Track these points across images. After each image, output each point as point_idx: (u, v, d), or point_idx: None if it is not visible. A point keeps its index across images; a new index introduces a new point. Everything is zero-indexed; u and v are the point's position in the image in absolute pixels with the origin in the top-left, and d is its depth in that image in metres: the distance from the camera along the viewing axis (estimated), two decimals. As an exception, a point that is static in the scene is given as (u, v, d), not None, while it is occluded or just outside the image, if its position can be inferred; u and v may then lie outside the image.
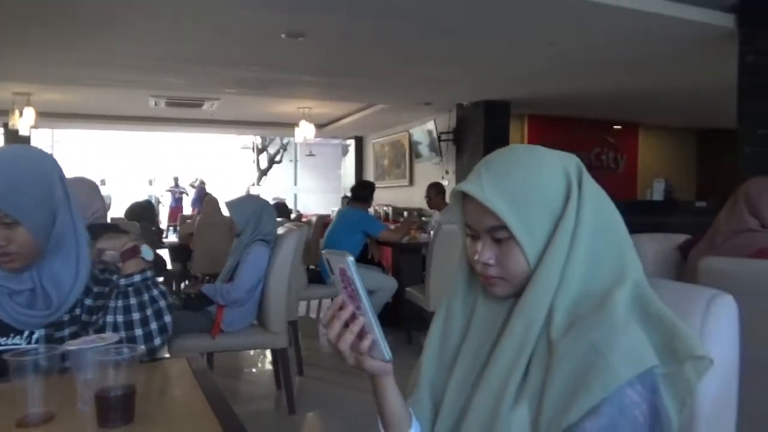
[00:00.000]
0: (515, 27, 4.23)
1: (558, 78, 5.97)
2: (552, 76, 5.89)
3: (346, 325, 0.80)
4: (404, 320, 4.52)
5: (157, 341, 1.36)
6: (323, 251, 0.80)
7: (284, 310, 2.94)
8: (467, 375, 0.90)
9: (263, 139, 18.35)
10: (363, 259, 4.55)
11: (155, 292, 1.38)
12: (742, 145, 3.86)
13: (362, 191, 4.31)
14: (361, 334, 0.79)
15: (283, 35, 4.46)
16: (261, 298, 2.89)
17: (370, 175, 10.65)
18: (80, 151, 17.43)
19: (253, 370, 4.25)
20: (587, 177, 0.89)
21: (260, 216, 2.86)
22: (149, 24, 4.26)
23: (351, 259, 0.77)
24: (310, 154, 16.26)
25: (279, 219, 3.48)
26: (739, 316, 0.84)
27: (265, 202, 3.06)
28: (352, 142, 11.50)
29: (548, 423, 0.75)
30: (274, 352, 3.54)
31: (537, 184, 0.84)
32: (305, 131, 8.18)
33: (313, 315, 5.60)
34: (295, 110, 8.22)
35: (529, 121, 8.45)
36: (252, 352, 4.29)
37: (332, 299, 0.96)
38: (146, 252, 1.41)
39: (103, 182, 13.30)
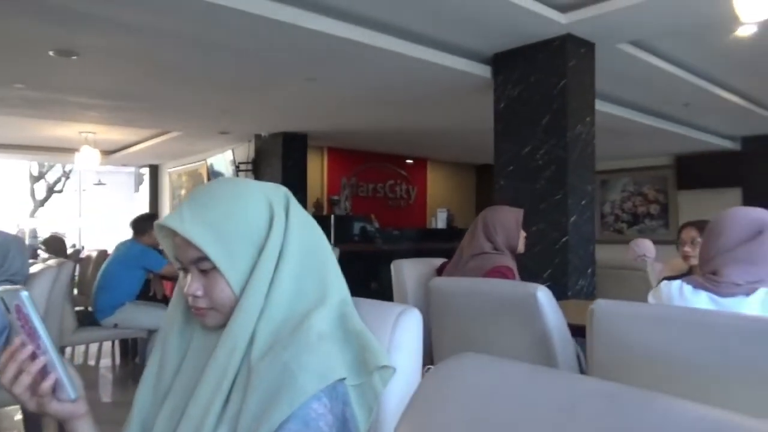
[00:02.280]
0: (273, 60, 4.34)
1: (347, 113, 6.31)
2: (340, 111, 6.21)
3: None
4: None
5: None
6: None
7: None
8: (176, 407, 0.88)
9: (41, 165, 16.27)
10: (145, 295, 4.24)
11: None
12: (498, 178, 4.45)
13: (142, 223, 4.03)
14: (43, 375, 0.74)
15: (51, 53, 4.06)
16: (4, 348, 2.52)
17: (166, 206, 10.05)
18: None
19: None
20: (295, 206, 0.95)
21: (6, 253, 2.51)
22: None
23: (25, 294, 0.72)
24: (100, 183, 14.81)
25: (47, 255, 3.08)
26: (425, 326, 0.96)
27: (13, 238, 2.68)
28: (147, 171, 10.77)
29: None
30: (26, 415, 3.06)
31: (238, 214, 0.87)
32: (88, 158, 7.46)
33: (92, 362, 5.04)
34: (76, 135, 7.47)
35: (329, 153, 8.76)
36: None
37: (114, 341, 0.88)
38: None
39: None
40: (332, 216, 7.24)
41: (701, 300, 1.32)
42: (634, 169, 9.32)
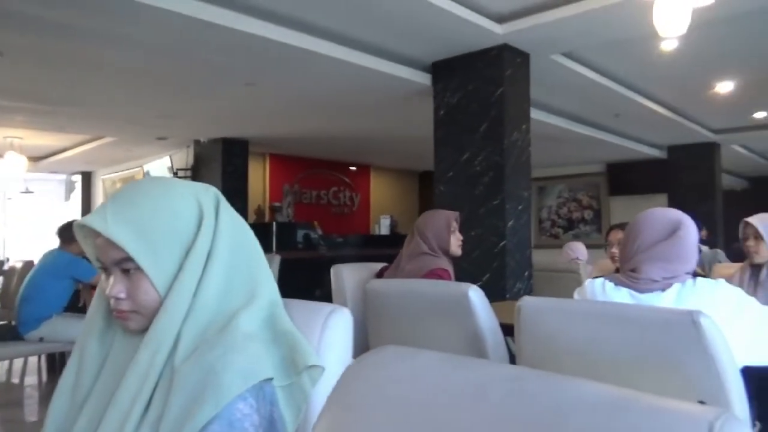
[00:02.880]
0: (212, 64, 4.26)
1: (289, 119, 6.26)
2: (281, 117, 6.16)
3: None
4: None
5: None
6: None
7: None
8: (95, 414, 0.85)
9: (-38, 172, 15.28)
10: (74, 307, 4.04)
11: None
12: (437, 184, 4.53)
13: (70, 231, 3.84)
14: None
15: (-31, 51, 3.85)
16: None
17: (100, 214, 9.63)
18: None
19: None
20: (225, 207, 0.93)
21: None
22: None
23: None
24: (27, 191, 14.03)
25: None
26: (363, 328, 0.97)
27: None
28: (79, 178, 10.31)
29: None
30: None
31: (164, 214, 0.85)
32: (14, 164, 7.08)
33: (16, 380, 4.76)
34: (0, 140, 7.07)
35: (271, 159, 8.66)
36: None
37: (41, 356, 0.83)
38: None
39: None
40: (274, 223, 7.15)
41: (622, 296, 1.39)
42: (569, 176, 9.69)
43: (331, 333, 0.92)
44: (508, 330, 1.75)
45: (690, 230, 1.39)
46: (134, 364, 0.83)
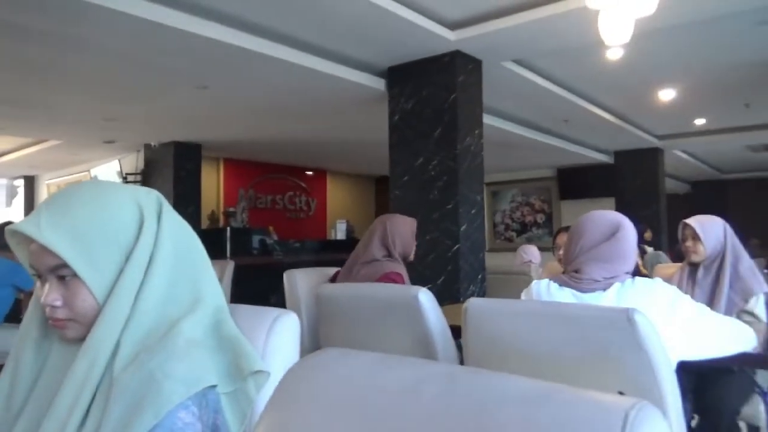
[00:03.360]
0: (162, 66, 4.17)
1: (243, 123, 6.19)
2: (235, 121, 6.08)
3: None
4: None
5: None
6: None
7: None
8: (31, 425, 0.82)
9: None
10: (14, 317, 3.87)
11: None
12: (393, 189, 4.55)
13: (11, 237, 3.67)
14: None
15: None
16: None
17: (44, 221, 9.26)
18: None
19: None
20: (168, 211, 0.91)
21: None
22: None
23: None
24: (-35, 197, 13.37)
25: None
26: (316, 333, 0.97)
27: None
28: (22, 183, 9.89)
29: None
30: None
31: (102, 218, 0.83)
32: (-51, 168, 6.74)
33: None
34: (-68, 142, 6.74)
35: (225, 164, 8.53)
36: None
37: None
38: None
39: None
40: (228, 228, 7.03)
41: (565, 296, 1.43)
42: (522, 180, 9.91)
43: (277, 338, 0.91)
44: (458, 332, 1.78)
45: (629, 231, 1.45)
46: (72, 372, 0.80)
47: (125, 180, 7.23)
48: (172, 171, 6.81)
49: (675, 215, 2.29)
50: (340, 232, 8.12)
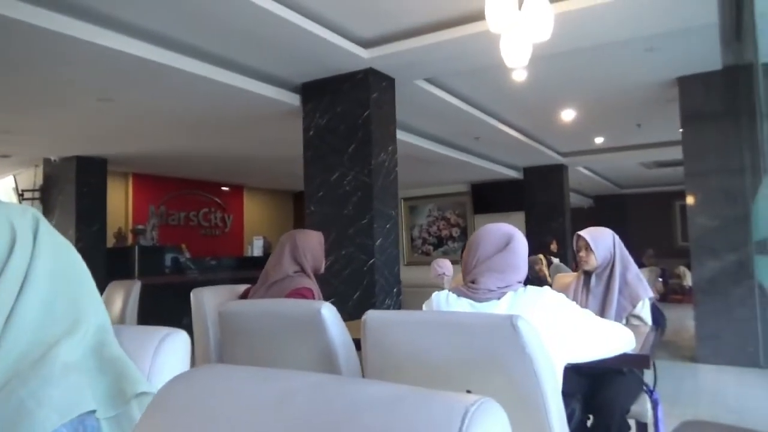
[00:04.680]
0: (60, 77, 3.98)
1: (153, 137, 5.97)
2: (144, 135, 5.85)
3: None
4: None
5: None
6: None
7: None
8: None
9: None
10: None
11: None
12: (308, 204, 4.55)
13: None
14: None
15: None
16: None
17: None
18: None
19: None
20: (46, 229, 0.87)
21: None
22: None
23: None
24: None
25: None
26: (210, 349, 0.95)
27: None
28: None
29: None
30: None
31: (-33, 237, 0.78)
32: None
33: None
34: None
35: (134, 179, 8.17)
36: None
37: None
38: None
39: None
40: (137, 247, 6.72)
41: (463, 305, 1.49)
42: (438, 195, 10.18)
43: (164, 358, 0.89)
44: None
45: (520, 242, 1.54)
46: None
47: (22, 197, 6.75)
48: (75, 187, 6.43)
49: (580, 227, 2.45)
50: (257, 249, 7.98)
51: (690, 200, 5.00)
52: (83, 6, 3.11)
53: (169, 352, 0.90)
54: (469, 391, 0.49)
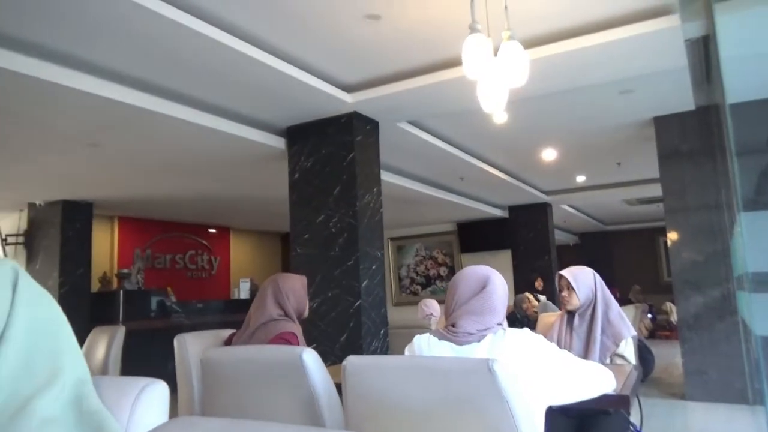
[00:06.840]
0: (48, 123, 4.00)
1: (139, 181, 5.98)
2: (130, 179, 5.87)
3: None
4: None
5: None
6: None
7: None
8: None
9: None
10: None
11: None
12: (294, 246, 4.55)
13: None
14: None
15: None
16: None
17: None
18: None
19: None
20: (25, 282, 0.88)
21: None
22: None
23: None
24: None
25: None
26: (194, 397, 0.95)
27: None
28: None
29: None
30: None
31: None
32: None
33: None
34: None
35: (120, 223, 8.13)
36: None
37: None
38: None
39: None
40: (121, 291, 6.64)
41: (444, 348, 1.50)
42: (425, 235, 10.22)
43: (143, 409, 0.89)
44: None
45: (497, 285, 1.56)
46: None
47: (5, 242, 6.68)
48: (60, 231, 6.39)
49: (566, 265, 2.49)
50: (243, 291, 7.91)
51: (671, 236, 5.08)
52: (68, 54, 3.17)
53: (148, 403, 0.90)
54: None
